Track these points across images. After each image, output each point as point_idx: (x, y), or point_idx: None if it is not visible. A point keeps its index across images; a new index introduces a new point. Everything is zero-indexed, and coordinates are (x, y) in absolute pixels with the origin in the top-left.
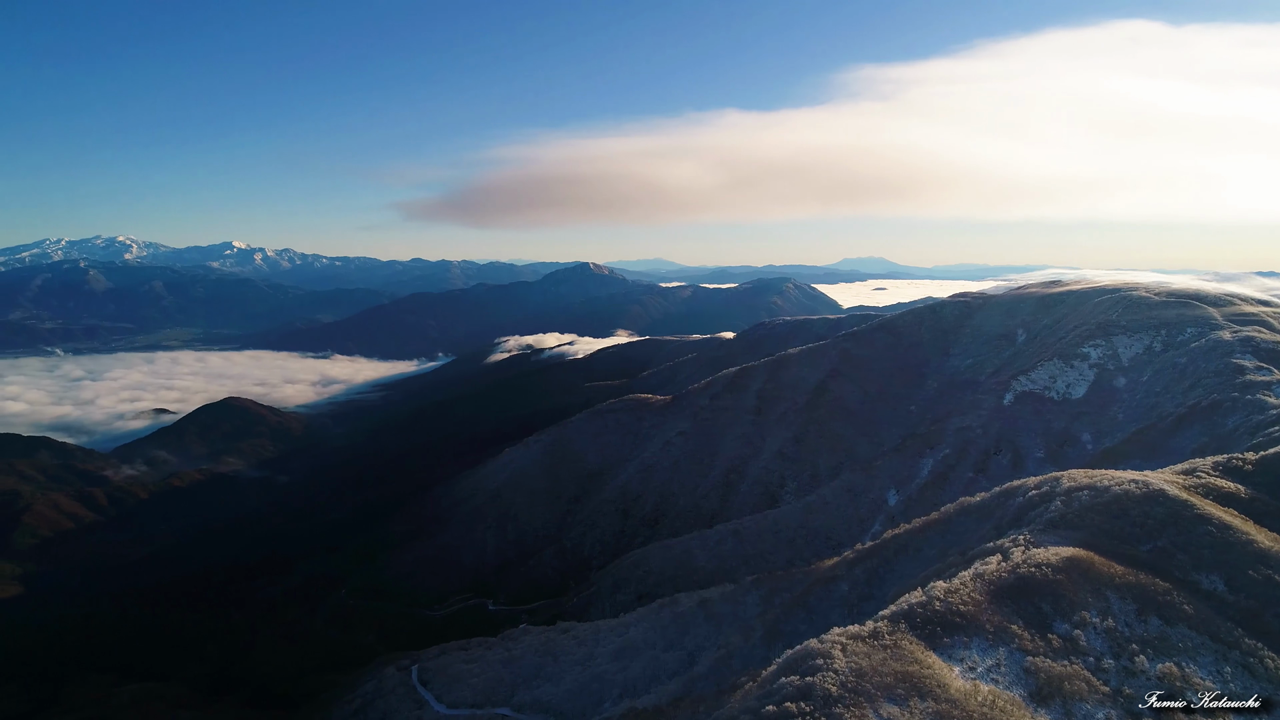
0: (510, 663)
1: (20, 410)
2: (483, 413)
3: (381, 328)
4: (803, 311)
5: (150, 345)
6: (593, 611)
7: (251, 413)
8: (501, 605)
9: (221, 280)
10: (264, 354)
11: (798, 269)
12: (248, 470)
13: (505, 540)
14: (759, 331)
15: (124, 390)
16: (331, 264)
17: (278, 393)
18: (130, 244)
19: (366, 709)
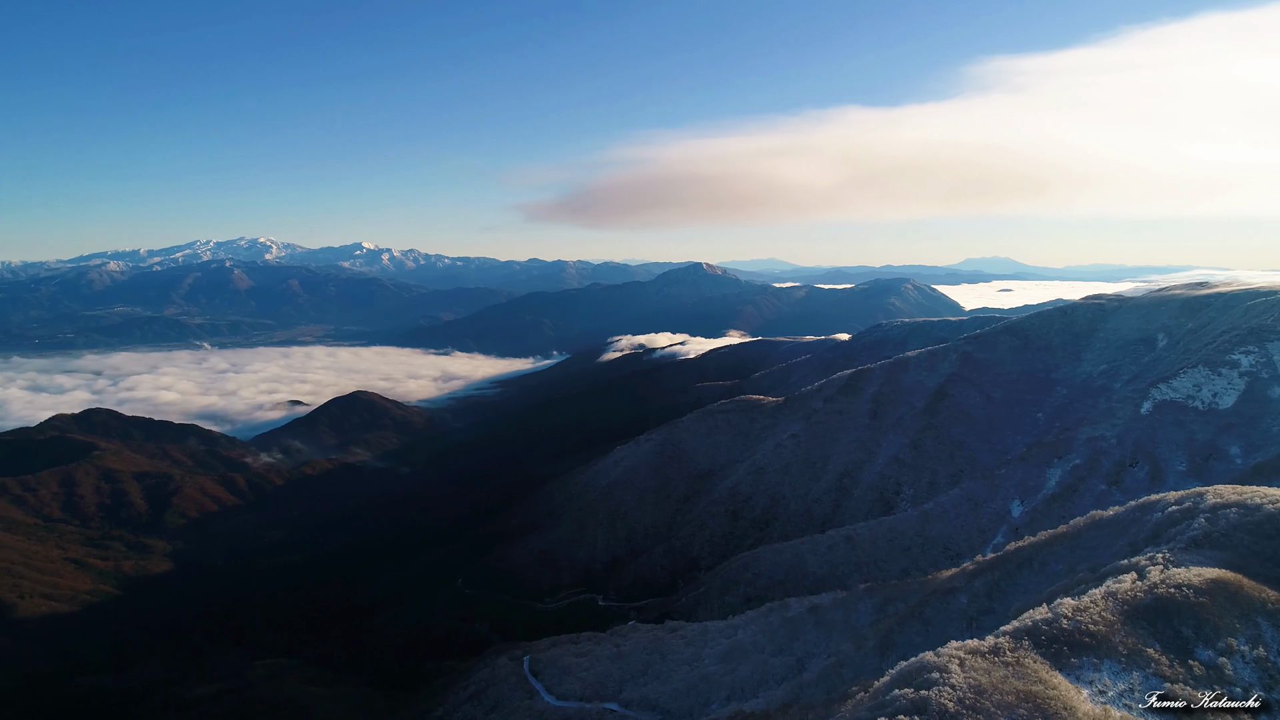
0: (619, 658)
1: (172, 400)
2: (595, 411)
3: (499, 326)
4: (922, 313)
5: (287, 340)
6: (701, 612)
7: (377, 406)
8: (611, 601)
9: (352, 279)
10: (389, 350)
11: (917, 269)
12: (373, 461)
13: (615, 537)
14: (875, 333)
15: (263, 382)
16: (453, 264)
17: (401, 387)
18: (270, 244)
19: (480, 695)
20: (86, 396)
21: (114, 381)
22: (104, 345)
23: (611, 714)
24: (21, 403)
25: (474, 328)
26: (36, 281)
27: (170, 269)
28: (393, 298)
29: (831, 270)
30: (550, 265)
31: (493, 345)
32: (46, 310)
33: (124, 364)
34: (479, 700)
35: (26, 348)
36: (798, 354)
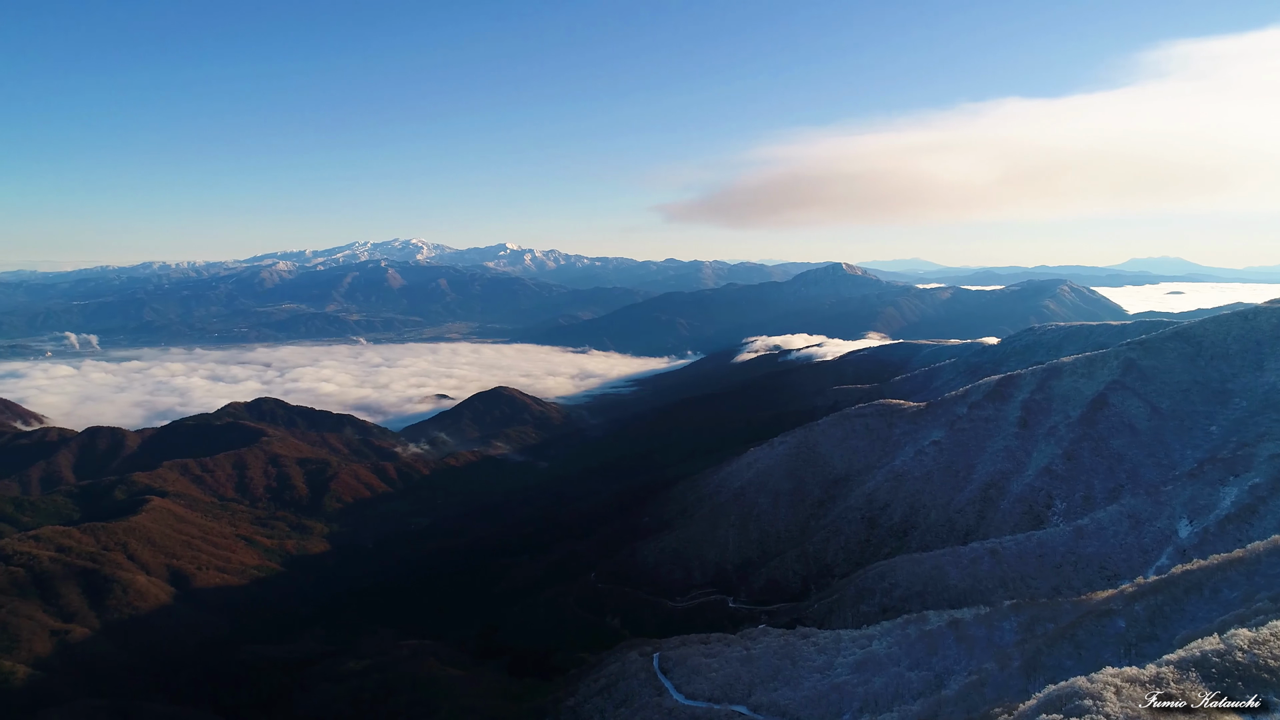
0: (748, 661)
1: (331, 391)
2: (728, 411)
3: (635, 325)
4: (1079, 317)
5: (435, 337)
6: (834, 619)
7: (518, 401)
8: (741, 603)
9: (496, 279)
10: (530, 347)
11: (1074, 270)
12: (513, 454)
13: (747, 539)
14: (1027, 337)
15: (412, 376)
16: (592, 264)
17: (541, 384)
18: (421, 245)
19: (610, 689)
20: (257, 386)
21: (281, 373)
22: (273, 339)
23: (740, 717)
24: (202, 391)
25: (611, 327)
26: (216, 280)
27: (331, 268)
28: (534, 297)
29: (979, 271)
30: (686, 265)
31: (629, 344)
32: (224, 306)
33: (290, 357)
34: (609, 693)
35: (207, 340)
36: (941, 358)
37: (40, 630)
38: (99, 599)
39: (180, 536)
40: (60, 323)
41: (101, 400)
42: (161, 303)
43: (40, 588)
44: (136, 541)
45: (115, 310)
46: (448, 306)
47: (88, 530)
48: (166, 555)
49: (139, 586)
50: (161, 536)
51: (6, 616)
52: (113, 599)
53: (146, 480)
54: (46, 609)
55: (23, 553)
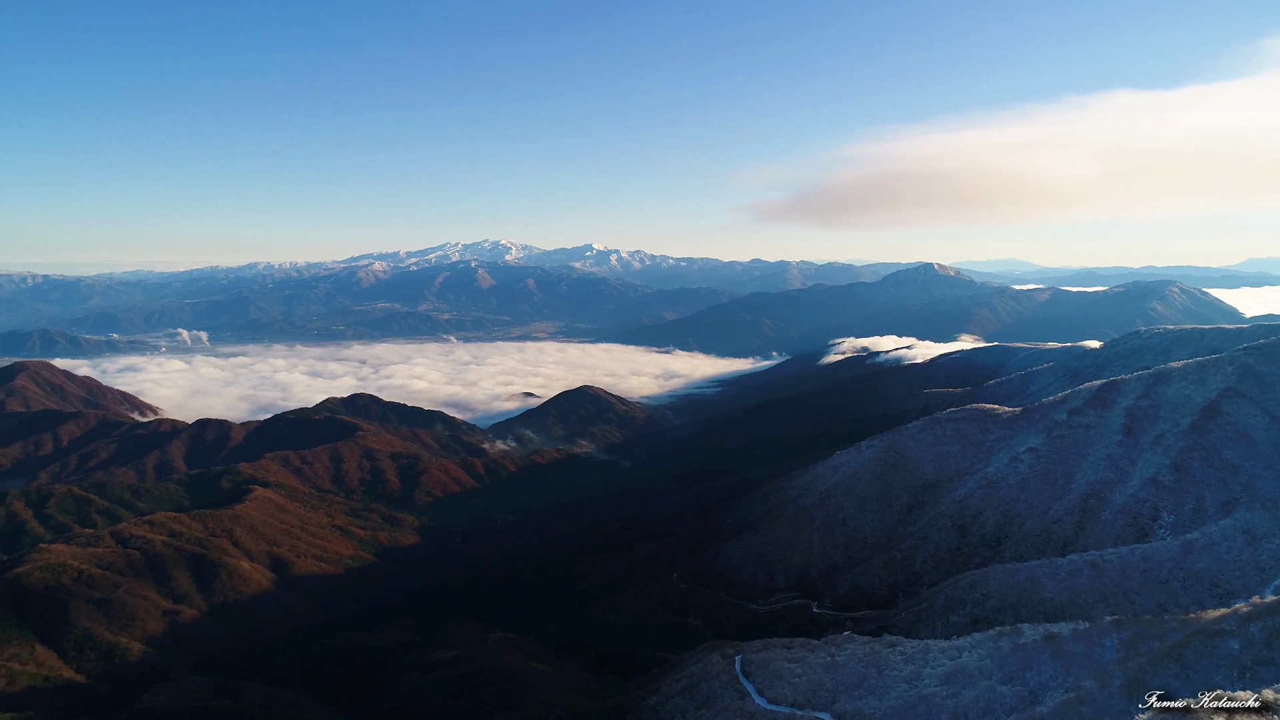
0: (833, 668)
1: (423, 388)
2: (814, 413)
3: (720, 326)
4: (1190, 319)
5: (522, 336)
6: (921, 629)
7: (602, 400)
8: (826, 609)
9: (582, 279)
10: (615, 347)
11: (1185, 271)
12: (596, 453)
13: (832, 544)
14: (1132, 341)
15: (500, 375)
16: (677, 264)
17: (625, 383)
18: (510, 246)
19: (692, 690)
20: (353, 382)
21: (375, 370)
22: (368, 337)
23: None
24: (302, 386)
25: (695, 327)
26: (316, 280)
27: (424, 269)
28: (619, 297)
29: (1080, 271)
30: (772, 266)
31: (713, 345)
32: (323, 305)
33: (384, 354)
34: (690, 694)
35: (307, 338)
36: (1038, 361)
37: (153, 610)
38: (206, 582)
39: (281, 525)
40: (174, 320)
41: (210, 394)
42: (266, 301)
43: (154, 570)
44: (241, 529)
45: (224, 308)
46: (535, 306)
47: (197, 517)
48: (268, 543)
49: (242, 572)
50: (263, 525)
51: (124, 596)
52: (219, 583)
53: (250, 471)
54: (159, 590)
55: (138, 536)
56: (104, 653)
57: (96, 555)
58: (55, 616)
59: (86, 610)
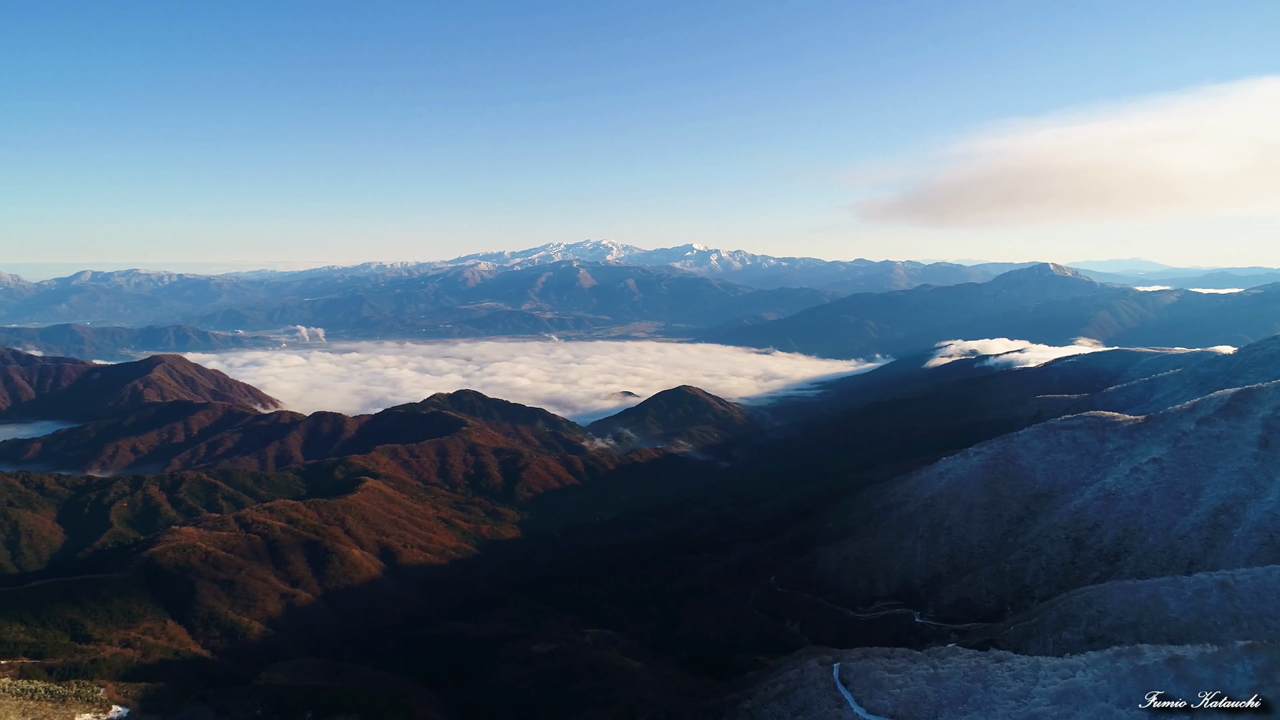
0: (935, 680)
1: (525, 385)
2: (918, 418)
3: (821, 327)
4: None
5: (622, 335)
6: (1031, 644)
7: (701, 401)
8: (928, 619)
9: (682, 279)
10: (714, 347)
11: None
12: (694, 453)
13: (936, 553)
14: (1270, 346)
15: (600, 373)
16: (778, 264)
17: (724, 384)
18: (611, 246)
19: (788, 695)
20: (458, 379)
21: (480, 367)
22: (473, 335)
23: None
24: (411, 381)
25: (796, 328)
26: (425, 279)
27: (527, 269)
28: (719, 297)
29: (1213, 272)
30: (877, 266)
31: (814, 346)
32: (431, 304)
33: (488, 352)
34: (786, 700)
35: (416, 335)
36: (1163, 368)
37: (272, 593)
38: (320, 568)
39: (389, 516)
40: (293, 317)
41: (326, 388)
42: (378, 300)
43: (273, 555)
44: (352, 518)
45: (339, 306)
46: (635, 306)
47: (312, 505)
48: (377, 532)
49: (353, 559)
50: (373, 515)
51: (246, 578)
52: (331, 569)
53: (362, 462)
54: (277, 574)
55: (260, 522)
56: (227, 630)
57: (222, 539)
58: (185, 595)
59: (212, 590)
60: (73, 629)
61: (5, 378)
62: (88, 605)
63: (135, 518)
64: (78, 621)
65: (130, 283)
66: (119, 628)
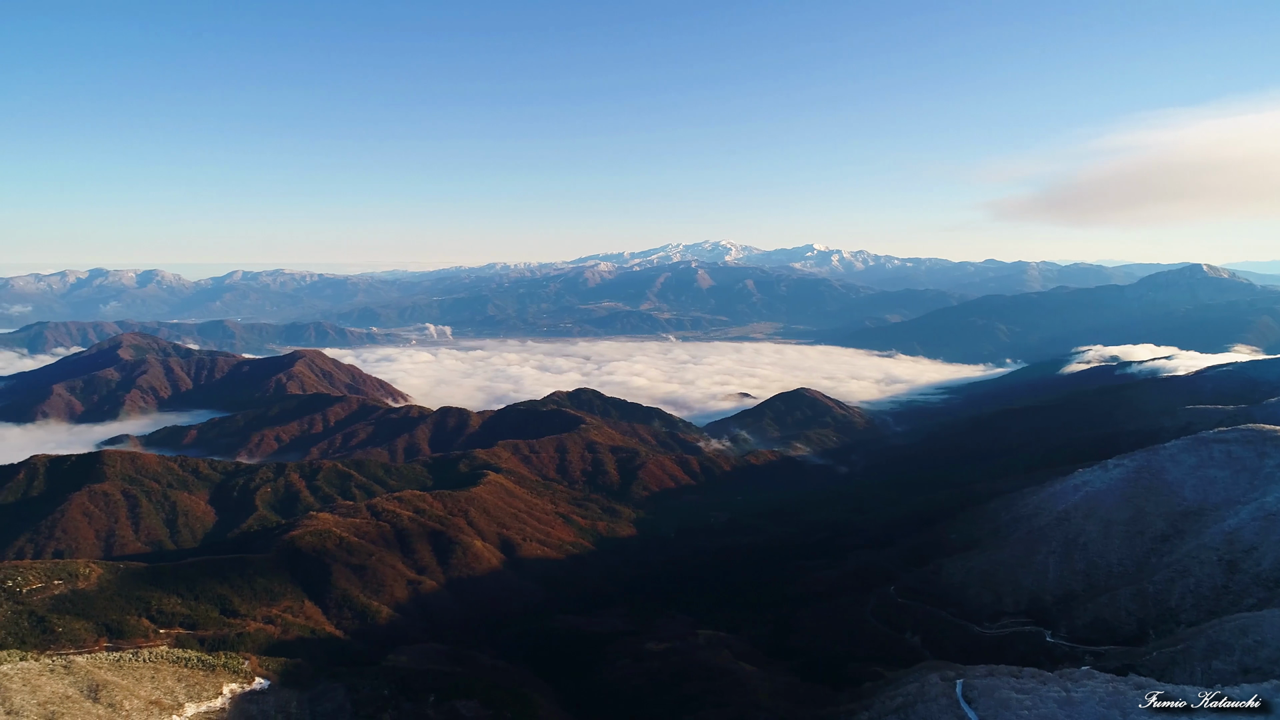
0: (1068, 704)
1: (642, 385)
2: (1052, 427)
3: (948, 330)
4: None
5: (740, 336)
6: (1176, 673)
7: (820, 404)
8: (1060, 639)
9: (801, 280)
10: (833, 349)
11: None
12: (812, 457)
13: (1071, 569)
14: None
15: (716, 374)
16: (902, 265)
17: (843, 387)
18: (730, 247)
19: (906, 710)
20: (577, 378)
21: (598, 366)
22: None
23: None
24: (532, 379)
25: (920, 331)
26: (547, 279)
27: (646, 269)
28: (839, 298)
29: None
30: (1009, 267)
31: (940, 350)
32: (552, 304)
33: (606, 351)
34: (905, 714)
35: (537, 333)
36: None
37: (400, 579)
38: (444, 557)
39: (510, 509)
40: (423, 315)
41: (452, 384)
42: (502, 299)
43: (401, 543)
44: (475, 510)
45: (465, 305)
46: (753, 307)
47: (438, 496)
48: (498, 524)
49: (476, 550)
50: (495, 508)
51: (376, 564)
52: (455, 558)
53: (485, 457)
54: (405, 561)
55: (389, 511)
56: (359, 613)
57: (355, 525)
58: (321, 577)
59: (345, 574)
60: (222, 604)
61: (167, 370)
62: (235, 582)
63: (278, 502)
64: (226, 597)
65: (276, 282)
66: (262, 605)
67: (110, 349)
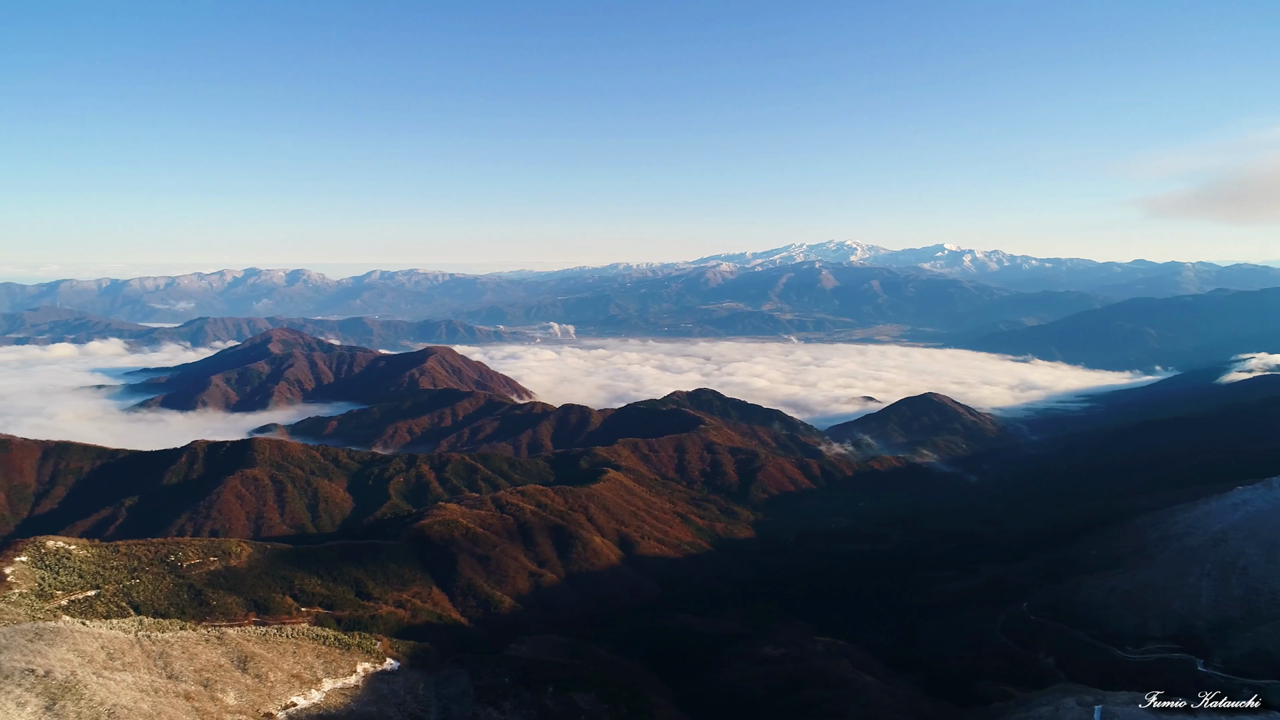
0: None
1: (763, 386)
2: (1206, 440)
3: (1090, 334)
4: None
5: (864, 338)
6: None
7: (948, 409)
8: (1214, 669)
9: (930, 281)
10: (963, 353)
11: None
12: (939, 464)
13: (1227, 594)
14: None
15: (839, 377)
16: (1040, 266)
17: (974, 393)
18: (855, 247)
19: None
20: (697, 378)
21: (719, 366)
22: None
23: None
24: (652, 378)
25: (1059, 335)
26: (669, 280)
27: (769, 269)
28: (971, 300)
29: None
30: (1160, 267)
31: (1080, 355)
32: (673, 304)
33: (727, 352)
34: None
35: (658, 333)
36: None
37: (522, 571)
38: (564, 551)
39: (628, 507)
40: (547, 314)
41: (574, 382)
42: (624, 299)
43: (523, 535)
44: (595, 506)
45: (587, 305)
46: (879, 308)
47: (559, 491)
48: (617, 521)
49: (595, 546)
50: (614, 504)
51: (499, 555)
52: (574, 553)
53: (605, 454)
54: (526, 553)
55: (512, 504)
56: (482, 601)
57: (480, 517)
58: (447, 565)
59: (471, 564)
60: (357, 587)
61: (311, 364)
62: (369, 567)
63: (409, 492)
64: (361, 581)
65: (410, 281)
66: (393, 589)
67: (261, 343)
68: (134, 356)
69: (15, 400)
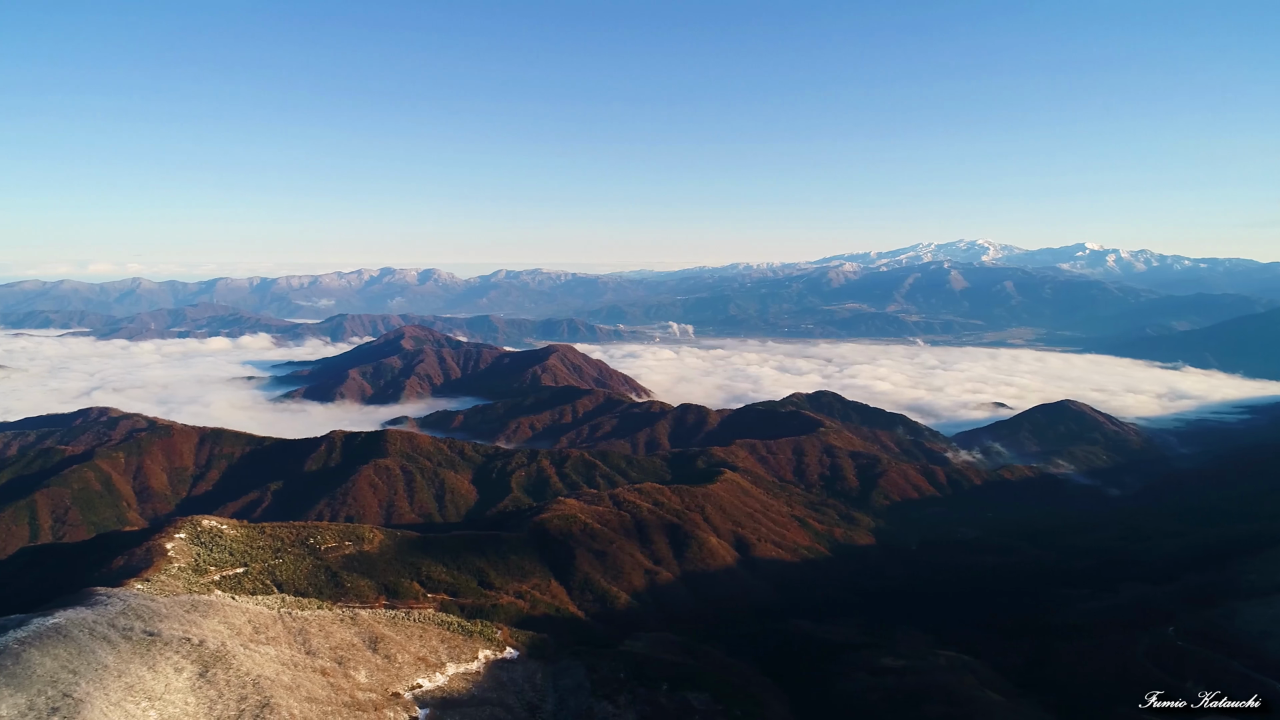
0: None
1: (885, 389)
2: None
3: (1251, 339)
4: None
5: (995, 341)
6: None
7: (1087, 418)
8: None
9: (1069, 282)
10: (1104, 359)
11: None
12: (1076, 475)
13: None
14: None
15: (968, 381)
16: (1194, 266)
17: (1116, 400)
18: (988, 246)
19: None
20: (818, 380)
21: (840, 368)
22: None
23: None
24: (771, 380)
25: (1215, 340)
26: (790, 280)
27: (894, 270)
28: (1115, 303)
29: None
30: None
31: (1240, 362)
32: (794, 304)
33: (849, 354)
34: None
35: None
36: None
37: (637, 568)
38: (680, 550)
39: (744, 508)
40: (666, 313)
41: (692, 381)
42: (743, 299)
43: (639, 533)
44: (711, 506)
45: (707, 305)
46: (1012, 310)
47: (675, 490)
48: (733, 523)
49: (710, 546)
50: (730, 505)
51: (616, 551)
52: (690, 552)
53: (721, 454)
54: (642, 551)
55: (629, 501)
56: (599, 596)
57: (597, 513)
58: (566, 559)
59: (588, 558)
60: (479, 576)
61: (440, 360)
62: (491, 557)
63: (530, 486)
64: (483, 570)
65: (534, 280)
66: (513, 580)
67: (395, 339)
68: (280, 350)
69: (177, 390)
